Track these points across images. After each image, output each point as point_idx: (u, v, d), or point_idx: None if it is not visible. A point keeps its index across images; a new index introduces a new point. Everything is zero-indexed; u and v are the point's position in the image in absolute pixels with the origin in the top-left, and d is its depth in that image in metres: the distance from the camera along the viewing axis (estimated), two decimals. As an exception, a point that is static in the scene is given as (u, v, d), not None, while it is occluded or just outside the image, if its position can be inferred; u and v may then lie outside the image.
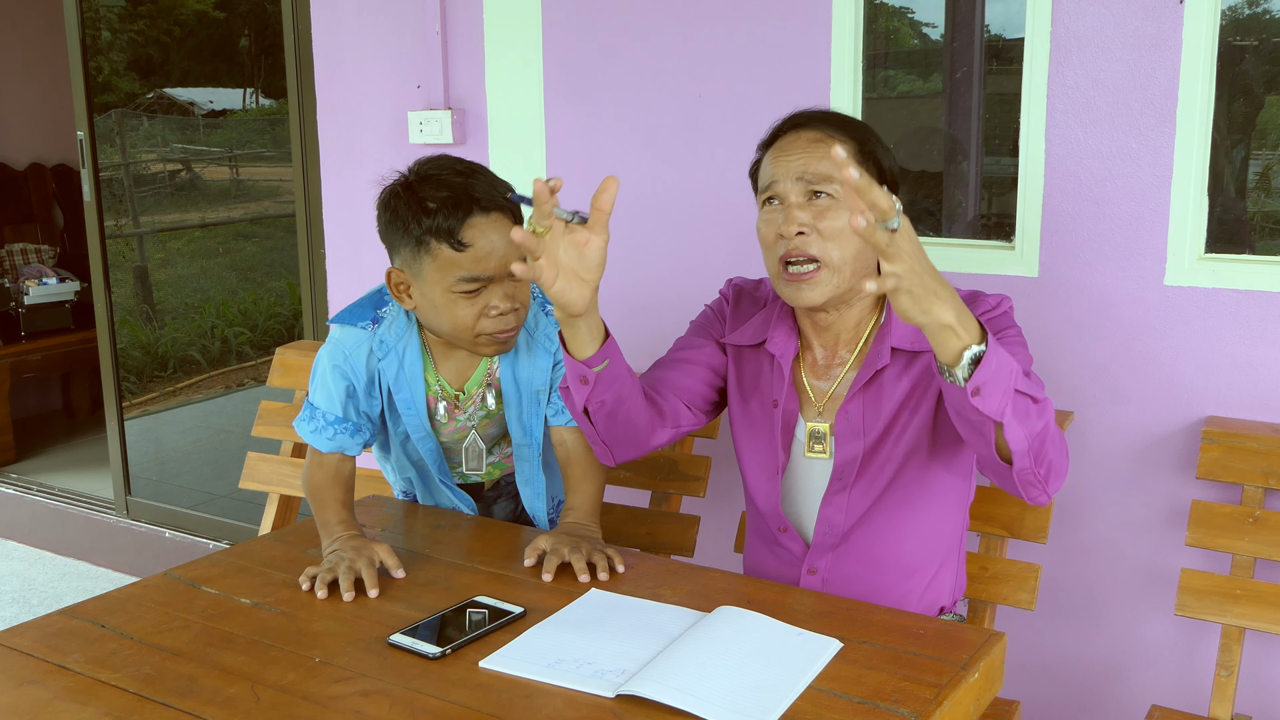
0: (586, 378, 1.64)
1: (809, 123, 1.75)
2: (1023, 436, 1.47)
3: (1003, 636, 1.50)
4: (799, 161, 1.70)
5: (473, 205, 1.76)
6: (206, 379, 5.52)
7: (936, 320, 1.38)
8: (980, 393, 1.41)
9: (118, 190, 5.27)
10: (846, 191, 1.31)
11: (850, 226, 1.40)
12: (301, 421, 1.95)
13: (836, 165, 1.31)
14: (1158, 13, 2.13)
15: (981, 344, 1.40)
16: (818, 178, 1.68)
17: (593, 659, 1.41)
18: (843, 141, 1.70)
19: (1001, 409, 1.43)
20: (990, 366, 1.40)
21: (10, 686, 1.41)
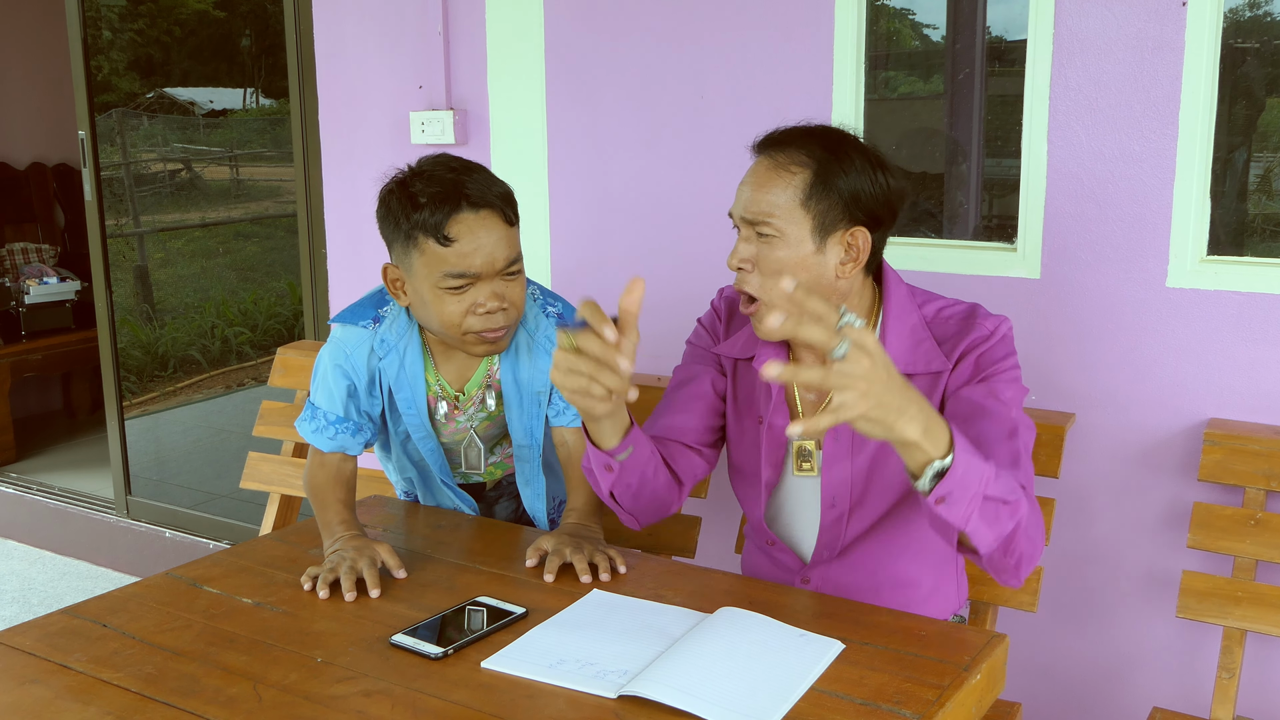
0: (611, 466, 1.65)
1: (777, 145, 1.67)
2: (990, 539, 1.44)
3: (1004, 638, 1.50)
4: (747, 195, 1.66)
5: (461, 201, 1.76)
6: (207, 379, 5.52)
7: (900, 438, 1.34)
8: (945, 501, 1.38)
9: (118, 190, 5.27)
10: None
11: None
12: (303, 421, 1.95)
13: (785, 295, 1.28)
14: (1160, 15, 2.13)
15: (948, 456, 1.36)
16: (758, 216, 1.63)
17: (594, 659, 1.41)
18: (796, 172, 1.62)
19: (967, 516, 1.40)
20: (956, 477, 1.37)
21: (12, 686, 1.41)
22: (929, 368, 1.66)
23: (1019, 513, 1.46)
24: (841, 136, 1.68)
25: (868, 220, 1.64)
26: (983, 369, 1.64)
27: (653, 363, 2.78)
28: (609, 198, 2.84)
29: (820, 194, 1.61)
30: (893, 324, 1.69)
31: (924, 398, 1.37)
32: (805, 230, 1.62)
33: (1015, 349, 1.69)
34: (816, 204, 1.61)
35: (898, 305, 1.70)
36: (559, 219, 2.93)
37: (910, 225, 2.65)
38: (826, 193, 1.61)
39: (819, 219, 1.62)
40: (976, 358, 1.64)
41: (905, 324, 1.69)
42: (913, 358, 1.68)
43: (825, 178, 1.61)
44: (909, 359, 1.68)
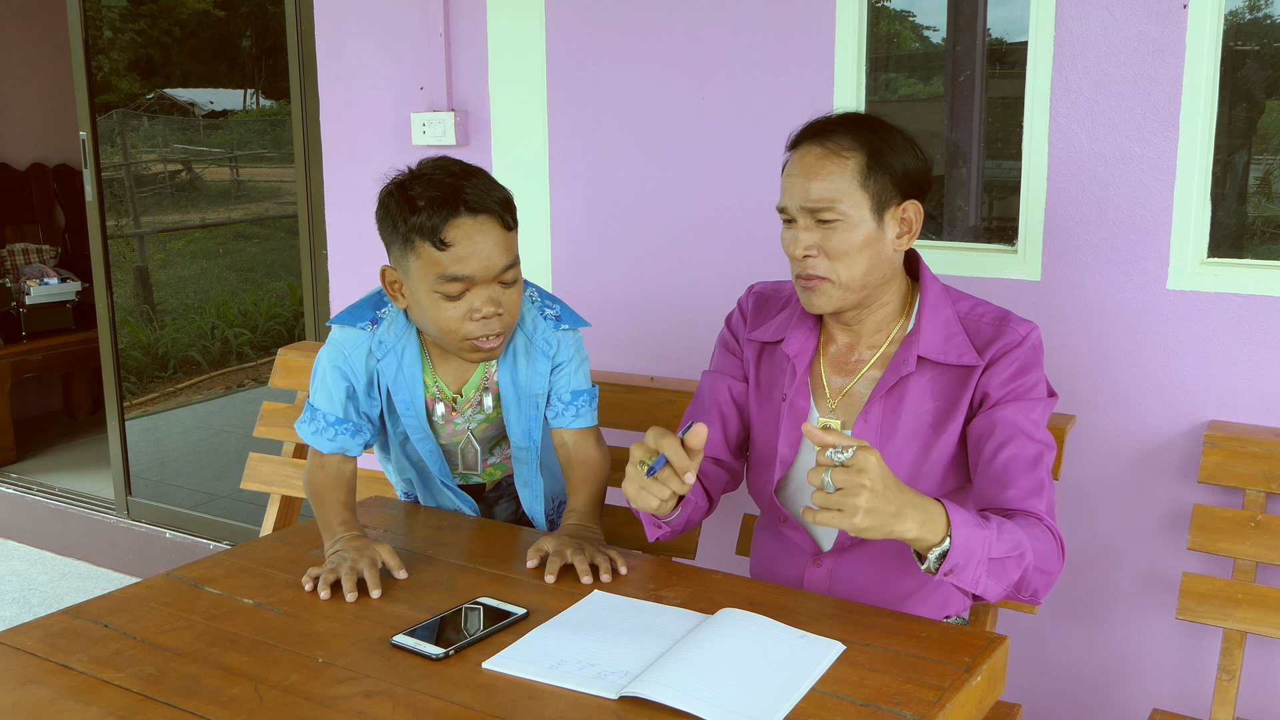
0: (661, 524, 1.74)
1: (823, 133, 1.73)
2: (999, 593, 1.53)
3: (1005, 639, 1.50)
4: (802, 186, 1.71)
5: (459, 205, 1.76)
6: (207, 379, 5.51)
7: (902, 535, 1.45)
8: (954, 574, 1.48)
9: (119, 190, 5.27)
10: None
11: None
12: (303, 423, 1.95)
13: (807, 435, 1.43)
14: (1161, 17, 2.13)
15: (945, 540, 1.46)
16: (819, 204, 1.69)
17: (595, 660, 1.42)
18: (849, 156, 1.69)
19: (975, 580, 1.49)
20: (958, 553, 1.46)
21: (14, 686, 1.41)
22: (960, 360, 1.72)
23: (1025, 560, 1.54)
24: (877, 119, 1.76)
25: (916, 193, 1.74)
26: (1019, 376, 1.70)
27: (652, 364, 2.79)
28: (609, 199, 2.85)
29: (876, 173, 1.69)
30: (928, 314, 1.75)
31: (913, 493, 1.45)
32: (866, 210, 1.69)
33: (1043, 356, 1.74)
34: (874, 183, 1.69)
35: (933, 298, 1.77)
36: (559, 220, 2.93)
37: (911, 227, 2.66)
38: (881, 172, 1.69)
39: (876, 197, 1.69)
40: (1013, 363, 1.70)
41: (939, 316, 1.75)
42: (945, 349, 1.73)
43: (878, 157, 1.69)
44: (942, 349, 1.73)
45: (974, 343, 1.73)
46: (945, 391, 1.74)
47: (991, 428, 1.69)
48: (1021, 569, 1.53)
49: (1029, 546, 1.55)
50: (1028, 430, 1.67)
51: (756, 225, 2.61)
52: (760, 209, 2.59)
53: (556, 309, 1.99)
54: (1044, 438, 1.69)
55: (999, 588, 1.52)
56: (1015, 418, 1.67)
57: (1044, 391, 1.72)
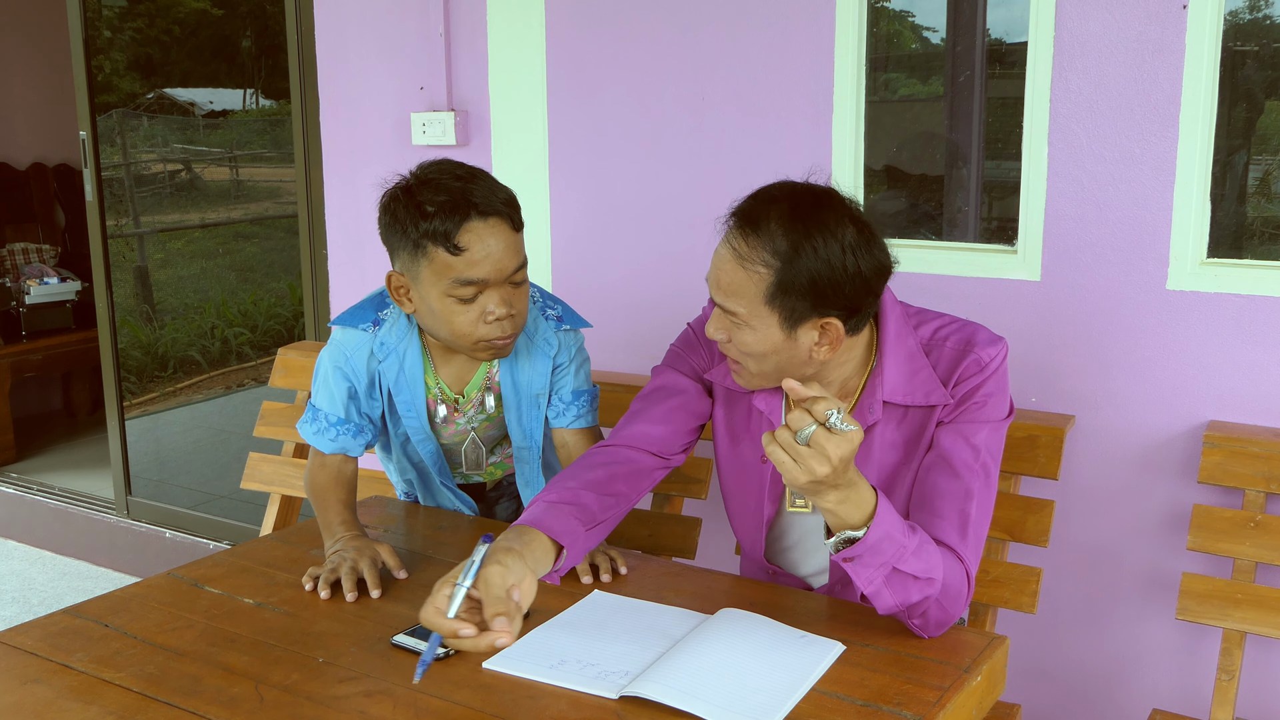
0: (560, 570, 1.53)
1: (749, 222, 1.56)
2: (892, 606, 1.46)
3: (1005, 640, 1.50)
4: (713, 277, 1.60)
5: (470, 209, 1.76)
6: (206, 379, 5.52)
7: (819, 504, 1.41)
8: (853, 562, 1.43)
9: (118, 190, 5.27)
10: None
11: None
12: (304, 423, 1.95)
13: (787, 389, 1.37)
14: (1161, 18, 2.13)
15: (862, 529, 1.41)
16: (724, 304, 1.58)
17: (596, 660, 1.42)
18: (761, 272, 1.53)
19: (870, 580, 1.43)
20: (866, 544, 1.40)
21: (14, 685, 1.41)
22: (927, 400, 1.62)
23: (931, 589, 1.46)
24: (813, 215, 1.55)
25: (841, 310, 1.55)
26: (964, 404, 1.61)
27: (652, 364, 2.78)
28: (610, 199, 2.85)
29: (784, 294, 1.53)
30: (890, 356, 1.64)
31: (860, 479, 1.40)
32: (773, 322, 1.56)
33: (1007, 378, 1.65)
34: (781, 303, 1.54)
35: (894, 337, 1.65)
36: (560, 220, 2.93)
37: (911, 227, 2.66)
38: (789, 292, 1.53)
39: (785, 314, 1.55)
40: (965, 391, 1.61)
41: (902, 353, 1.65)
42: (910, 389, 1.63)
43: (788, 278, 1.52)
44: (906, 390, 1.63)
45: (938, 372, 1.63)
46: (911, 426, 1.66)
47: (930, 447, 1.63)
48: (924, 595, 1.45)
49: (940, 579, 1.46)
50: (962, 459, 1.58)
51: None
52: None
53: (558, 309, 1.99)
54: (983, 463, 1.59)
55: (891, 601, 1.45)
56: (951, 444, 1.60)
57: (997, 413, 1.62)
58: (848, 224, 1.54)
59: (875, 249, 1.56)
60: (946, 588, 1.48)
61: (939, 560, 1.47)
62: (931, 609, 1.48)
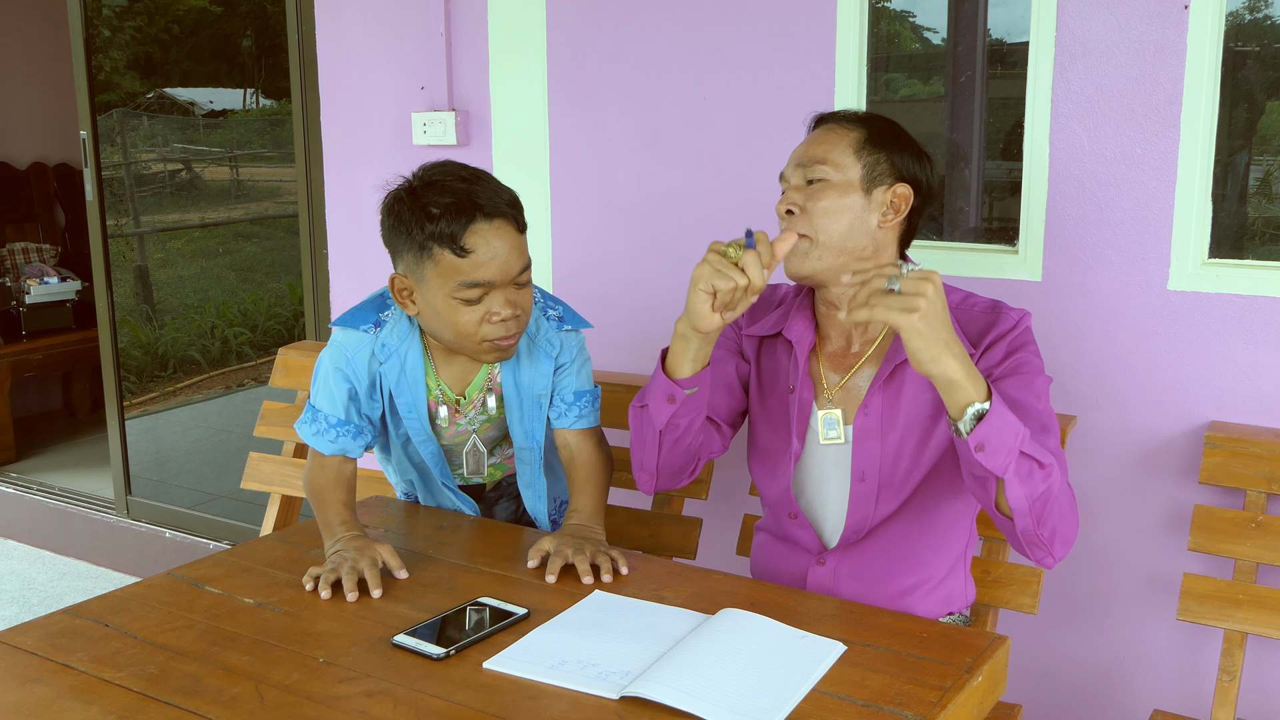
0: (675, 397, 1.68)
1: (832, 117, 1.83)
2: (1023, 496, 1.51)
3: (1006, 640, 1.50)
4: (801, 149, 1.79)
5: (476, 211, 1.76)
6: (206, 379, 5.52)
7: (945, 373, 1.45)
8: (984, 449, 1.47)
9: (119, 190, 5.27)
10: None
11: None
12: (303, 424, 1.95)
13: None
14: (1162, 18, 2.13)
15: (986, 402, 1.47)
16: (811, 160, 1.76)
17: (596, 660, 1.42)
18: (851, 130, 1.76)
19: (1004, 466, 1.48)
20: (993, 424, 1.46)
21: (14, 685, 1.41)
22: None
23: (1052, 477, 1.53)
24: (893, 121, 1.84)
25: (912, 183, 1.76)
26: (1012, 354, 1.70)
27: (653, 364, 2.78)
28: (611, 199, 2.85)
29: (872, 148, 1.75)
30: None
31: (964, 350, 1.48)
32: (855, 176, 1.73)
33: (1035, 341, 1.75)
34: (868, 155, 1.74)
35: None
36: (561, 220, 2.93)
37: (911, 227, 2.66)
38: (877, 149, 1.75)
39: (869, 170, 1.74)
40: (1007, 345, 1.70)
41: None
42: None
43: (877, 137, 1.76)
44: None
45: (967, 333, 1.74)
46: None
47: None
48: (1047, 484, 1.52)
49: (1056, 473, 1.54)
50: (1029, 402, 1.65)
51: (757, 225, 2.61)
52: (761, 209, 2.59)
53: (559, 310, 1.99)
54: (1048, 408, 1.68)
55: (1023, 493, 1.50)
56: (1015, 392, 1.66)
57: (1041, 366, 1.72)
58: (912, 137, 1.81)
59: (934, 162, 1.82)
60: (1063, 490, 1.56)
61: (1048, 450, 1.55)
62: (1054, 510, 1.54)
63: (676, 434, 1.74)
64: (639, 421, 1.77)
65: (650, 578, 1.70)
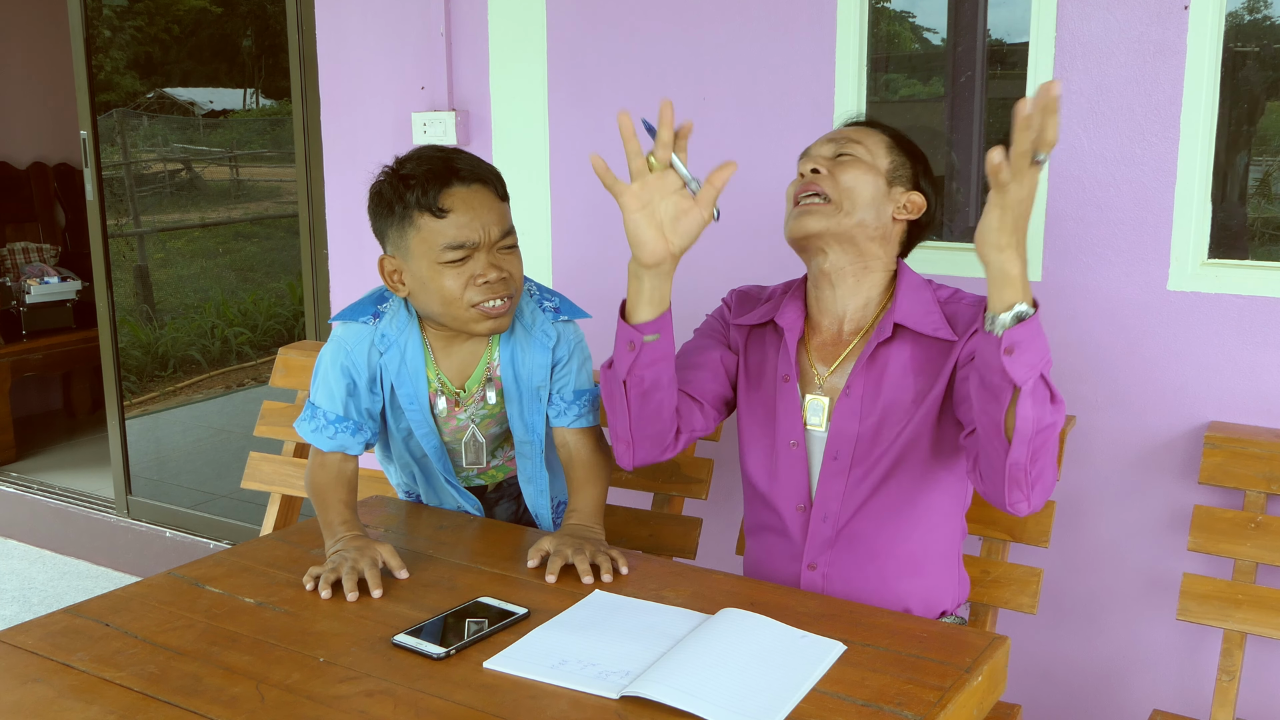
0: (634, 343, 1.68)
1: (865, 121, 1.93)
2: (1031, 419, 1.50)
3: (1006, 640, 1.50)
4: (833, 133, 1.88)
5: (451, 176, 1.80)
6: (206, 379, 5.52)
7: (1004, 264, 1.45)
8: (1012, 352, 1.45)
9: (119, 190, 5.27)
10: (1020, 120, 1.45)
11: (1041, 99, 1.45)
12: (302, 421, 1.95)
13: (1051, 97, 1.40)
14: (1162, 18, 2.13)
15: (1032, 308, 1.47)
16: (845, 139, 1.83)
17: (597, 660, 1.42)
18: (884, 133, 1.86)
19: (1026, 378, 1.47)
20: (1030, 330, 1.46)
21: (15, 685, 1.41)
22: (936, 333, 1.76)
23: (1058, 416, 1.52)
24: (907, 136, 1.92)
25: (924, 196, 1.84)
26: None
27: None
28: (611, 198, 2.83)
29: (900, 152, 1.84)
30: (905, 291, 1.81)
31: None
32: (882, 165, 1.81)
33: None
34: (897, 155, 1.83)
35: (913, 281, 1.83)
36: (561, 219, 2.93)
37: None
38: (904, 155, 1.85)
39: (894, 167, 1.82)
40: None
41: (918, 296, 1.81)
42: (920, 317, 1.78)
43: (906, 146, 1.86)
44: (917, 318, 1.78)
45: (955, 324, 1.77)
46: (926, 366, 1.77)
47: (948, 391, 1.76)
48: (1052, 420, 1.51)
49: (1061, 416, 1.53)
50: None
51: (757, 225, 2.61)
52: (761, 209, 2.59)
53: (555, 301, 2.00)
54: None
55: (1031, 414, 1.48)
56: None
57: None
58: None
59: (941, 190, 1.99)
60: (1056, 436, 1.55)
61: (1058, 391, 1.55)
62: (1048, 452, 1.54)
63: (642, 386, 1.72)
64: (607, 382, 1.76)
65: (650, 578, 1.71)
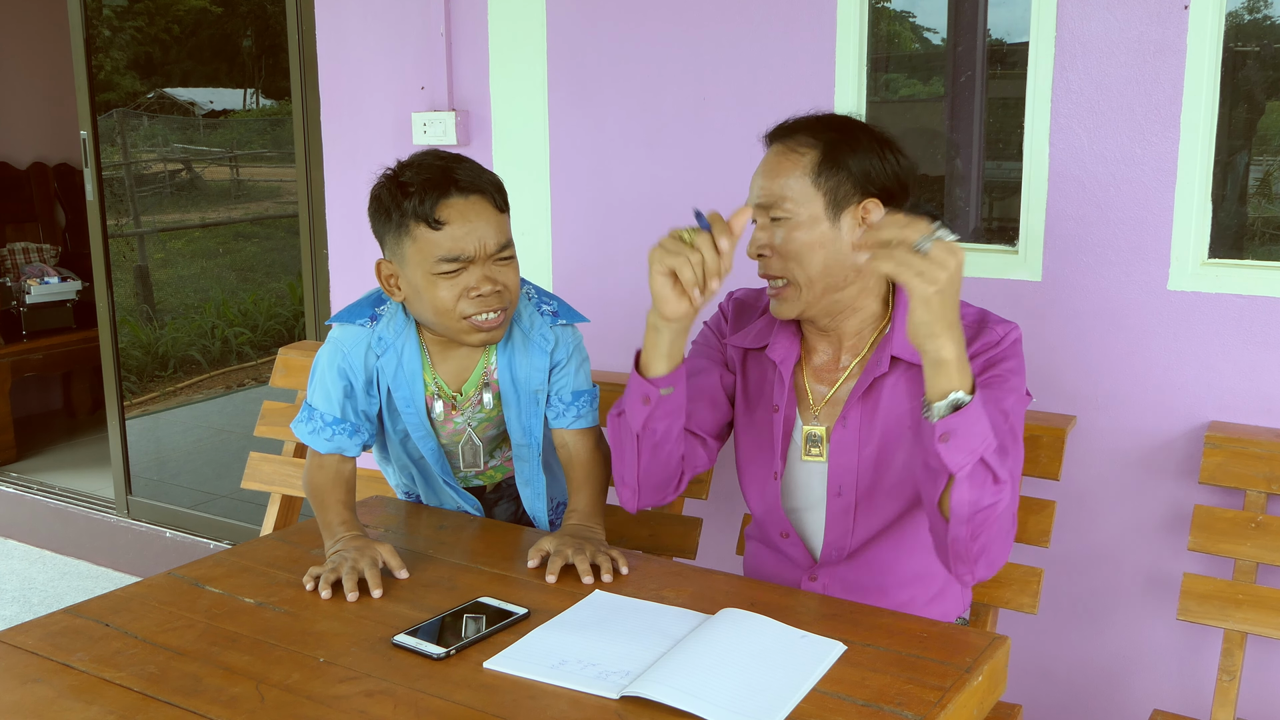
0: (650, 397, 1.65)
1: (787, 132, 1.73)
2: (967, 503, 1.48)
3: (1006, 640, 1.50)
4: (760, 183, 1.71)
5: (450, 186, 1.79)
6: (207, 379, 5.52)
7: (938, 351, 1.44)
8: (948, 439, 1.45)
9: (119, 190, 5.27)
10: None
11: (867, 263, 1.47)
12: (299, 423, 1.95)
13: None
14: (1162, 18, 2.13)
15: (968, 394, 1.45)
16: (771, 200, 1.68)
17: (597, 660, 1.42)
18: (804, 153, 1.67)
19: (962, 465, 1.46)
20: (966, 418, 1.44)
21: (15, 685, 1.41)
22: None
23: (1002, 496, 1.50)
24: (848, 119, 1.73)
25: (880, 194, 1.67)
26: (990, 368, 1.65)
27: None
28: (611, 199, 2.85)
29: (830, 170, 1.66)
30: (902, 309, 1.71)
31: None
32: (819, 208, 1.66)
33: (1023, 356, 1.70)
34: (827, 180, 1.66)
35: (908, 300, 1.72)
36: (561, 220, 2.93)
37: (911, 227, 2.66)
38: (835, 169, 1.66)
39: (831, 194, 1.66)
40: (986, 359, 1.66)
41: None
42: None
43: (833, 155, 1.66)
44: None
45: None
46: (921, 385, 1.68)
47: None
48: (994, 501, 1.48)
49: (1007, 494, 1.50)
50: (997, 419, 1.58)
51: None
52: (761, 209, 2.60)
53: (554, 305, 1.99)
54: (1012, 425, 1.61)
55: (969, 498, 1.46)
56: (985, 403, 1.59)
57: (1019, 386, 1.66)
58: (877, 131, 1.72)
59: (904, 151, 1.71)
60: (1008, 510, 1.52)
61: (1006, 469, 1.51)
62: (993, 529, 1.51)
63: (654, 439, 1.69)
64: (617, 430, 1.73)
65: (650, 578, 1.70)
